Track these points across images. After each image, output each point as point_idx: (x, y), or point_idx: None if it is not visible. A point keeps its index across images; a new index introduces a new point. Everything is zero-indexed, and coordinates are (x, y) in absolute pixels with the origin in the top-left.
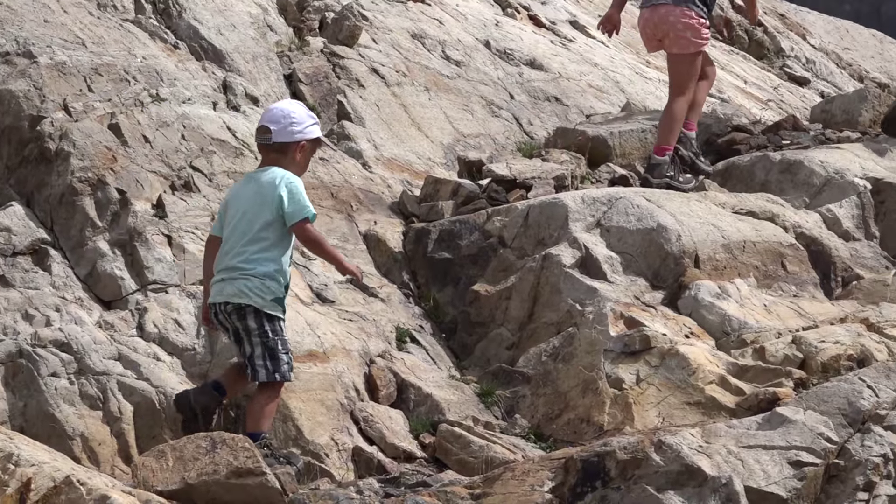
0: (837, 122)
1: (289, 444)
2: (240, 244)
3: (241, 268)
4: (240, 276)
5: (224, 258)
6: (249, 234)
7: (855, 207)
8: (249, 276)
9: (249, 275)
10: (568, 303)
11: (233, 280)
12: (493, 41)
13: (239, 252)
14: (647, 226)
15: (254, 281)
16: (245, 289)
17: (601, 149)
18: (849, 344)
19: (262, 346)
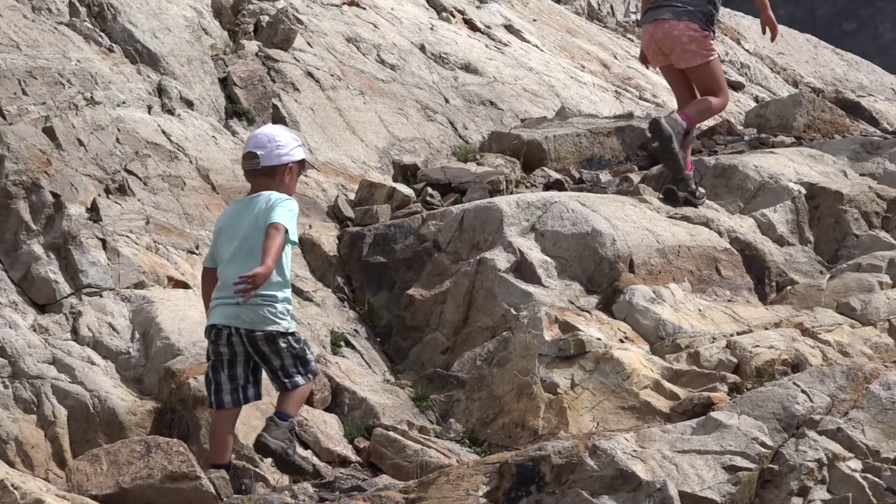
0: (772, 127)
1: None
2: (247, 268)
3: (261, 294)
4: (261, 301)
5: (231, 285)
6: (255, 256)
7: (789, 212)
8: (270, 301)
9: (270, 301)
10: (503, 307)
11: (254, 307)
12: (428, 45)
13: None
14: (582, 230)
15: (276, 307)
16: (271, 315)
17: (536, 153)
18: (783, 349)
19: (291, 356)
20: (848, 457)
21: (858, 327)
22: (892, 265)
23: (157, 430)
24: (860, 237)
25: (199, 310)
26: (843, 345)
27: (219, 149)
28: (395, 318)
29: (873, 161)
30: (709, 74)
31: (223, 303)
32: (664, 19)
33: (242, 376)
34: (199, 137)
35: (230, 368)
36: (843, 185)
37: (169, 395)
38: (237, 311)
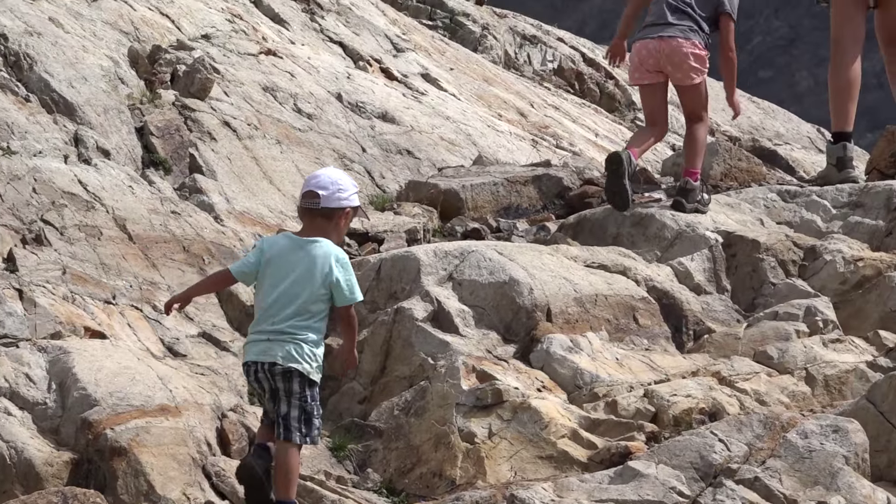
0: None
1: (140, 499)
2: (286, 310)
3: (291, 333)
4: (290, 339)
5: (268, 319)
6: (297, 302)
7: (706, 261)
8: (300, 341)
9: (300, 341)
10: (420, 356)
11: (282, 343)
12: (345, 94)
13: (286, 318)
14: (499, 279)
15: (304, 347)
16: (295, 353)
17: (453, 202)
18: (700, 397)
19: (299, 409)
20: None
21: (775, 376)
22: (808, 313)
23: (74, 481)
24: (777, 285)
25: (117, 360)
26: (761, 393)
27: (136, 198)
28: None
29: (790, 209)
30: (701, 93)
31: (256, 339)
32: (672, 37)
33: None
34: (115, 187)
35: (273, 403)
36: (760, 234)
37: (86, 445)
38: (266, 347)
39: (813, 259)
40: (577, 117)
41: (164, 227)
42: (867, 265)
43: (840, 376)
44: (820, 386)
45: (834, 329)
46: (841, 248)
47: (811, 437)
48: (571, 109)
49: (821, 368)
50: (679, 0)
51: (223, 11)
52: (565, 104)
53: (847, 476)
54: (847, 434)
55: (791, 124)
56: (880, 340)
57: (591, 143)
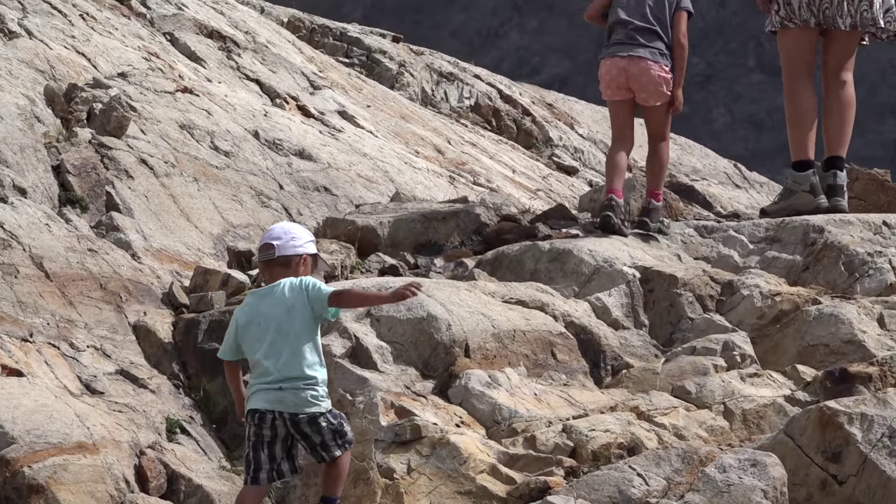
0: None
1: None
2: (284, 355)
3: (302, 377)
4: (304, 385)
5: (270, 369)
6: (290, 344)
7: (624, 296)
8: (312, 385)
9: (312, 384)
10: (339, 392)
11: (296, 391)
12: (261, 131)
13: (288, 362)
14: (417, 315)
15: (318, 389)
16: (312, 398)
17: (371, 238)
18: (619, 432)
19: (330, 432)
20: None
21: (693, 410)
22: (726, 348)
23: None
24: (695, 320)
25: (34, 397)
26: (679, 428)
27: (52, 237)
28: (231, 404)
29: (707, 245)
30: (664, 117)
31: (265, 388)
32: (641, 57)
33: (280, 454)
34: (32, 225)
35: (269, 448)
36: (678, 269)
37: (3, 483)
38: (280, 396)
39: (730, 294)
40: (495, 154)
41: (81, 265)
42: (784, 300)
43: (758, 410)
44: (738, 420)
45: (752, 363)
46: (758, 283)
47: (729, 471)
48: (488, 146)
49: (739, 403)
50: (647, 21)
51: (139, 49)
52: (482, 141)
53: None
54: (765, 468)
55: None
56: (798, 374)
57: (509, 179)
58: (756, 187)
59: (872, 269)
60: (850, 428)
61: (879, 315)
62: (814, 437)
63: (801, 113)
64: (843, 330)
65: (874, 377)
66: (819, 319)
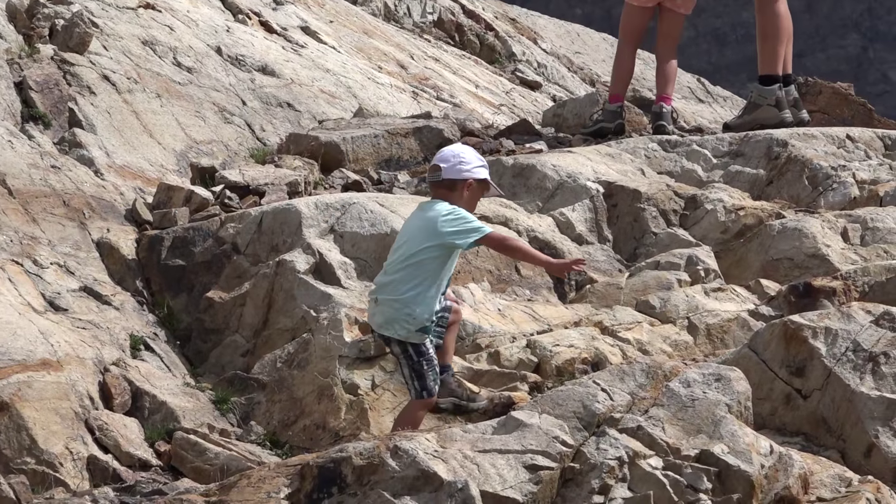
0: (569, 126)
1: (22, 453)
2: (394, 270)
3: (398, 300)
4: (388, 305)
5: (377, 283)
6: (403, 261)
7: (588, 211)
8: (403, 310)
9: (397, 304)
10: (302, 309)
11: (381, 308)
12: (224, 47)
13: (394, 282)
14: (381, 231)
15: (401, 312)
16: (392, 320)
17: (334, 154)
18: (583, 347)
19: (408, 367)
20: (649, 454)
21: (658, 325)
22: (690, 263)
23: None
24: (658, 235)
25: None
26: (643, 343)
27: (15, 153)
28: (195, 321)
29: (670, 159)
30: (681, 30)
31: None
32: None
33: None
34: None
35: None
36: (641, 184)
37: None
38: (373, 311)
39: (694, 208)
40: (458, 69)
41: (45, 182)
42: (748, 214)
43: (722, 325)
44: (702, 335)
45: (715, 278)
46: (722, 198)
47: (694, 386)
48: (451, 61)
49: (703, 317)
50: None
51: None
52: (445, 56)
53: (730, 424)
54: (729, 382)
55: None
56: (762, 289)
57: (472, 94)
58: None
59: (836, 182)
60: (814, 342)
61: (843, 229)
62: (778, 351)
63: (774, 27)
64: (806, 244)
65: (838, 291)
66: (783, 233)
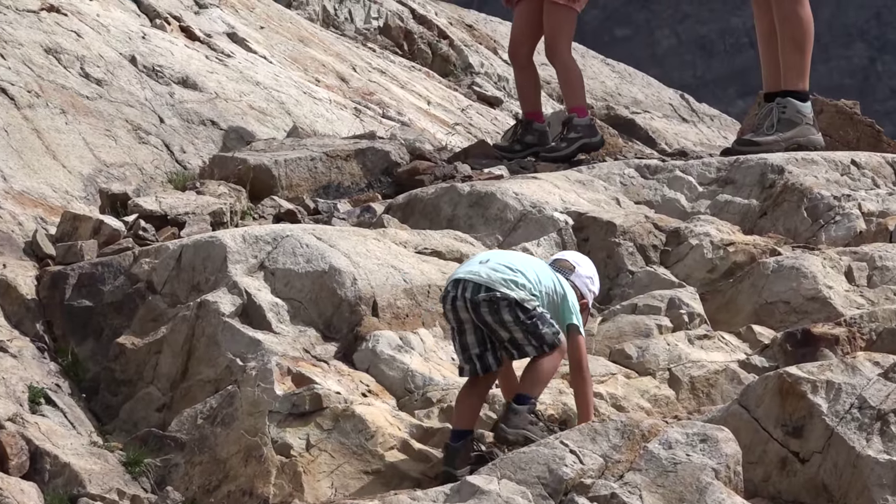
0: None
1: None
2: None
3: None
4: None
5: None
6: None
7: (555, 246)
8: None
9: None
10: (227, 357)
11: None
12: (139, 56)
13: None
14: (318, 268)
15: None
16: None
17: (265, 180)
18: (549, 403)
19: (522, 330)
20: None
21: (634, 377)
22: (672, 306)
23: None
24: (636, 274)
25: None
26: (618, 397)
27: None
28: (104, 370)
29: (650, 187)
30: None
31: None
32: None
33: (475, 344)
34: None
35: (460, 337)
36: (616, 215)
37: None
38: (478, 271)
39: (677, 244)
40: (406, 82)
41: None
42: (739, 250)
43: (708, 378)
44: (685, 389)
45: (701, 324)
46: (709, 231)
47: (676, 448)
48: (400, 73)
49: (686, 369)
50: None
51: None
52: (392, 67)
53: (717, 492)
54: (717, 444)
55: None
56: (754, 336)
57: (423, 111)
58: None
59: (839, 215)
60: (813, 398)
61: (847, 268)
62: (772, 408)
63: (805, 33)
64: (805, 285)
65: (841, 339)
66: (778, 273)
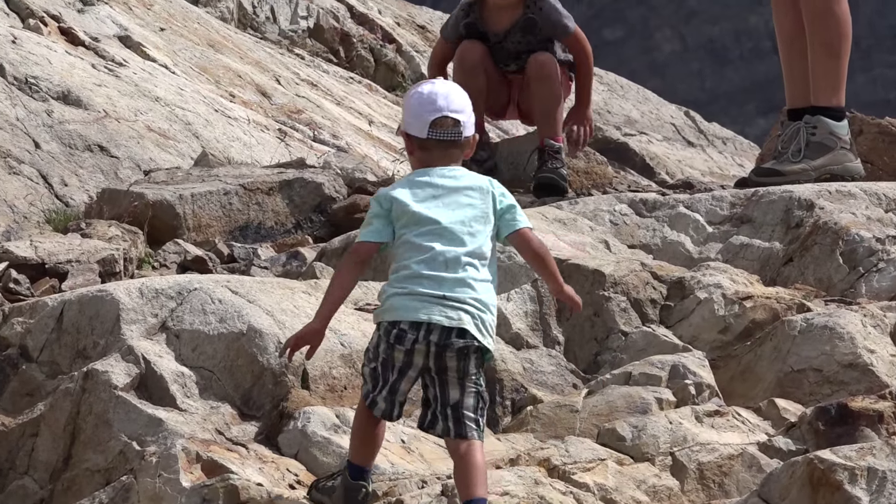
0: (503, 180)
1: None
2: (462, 261)
3: (474, 295)
4: (473, 306)
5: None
6: (468, 248)
7: (529, 301)
8: (485, 308)
9: (484, 309)
10: (121, 440)
11: (463, 308)
12: (8, 66)
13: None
14: (234, 329)
15: (488, 316)
16: (481, 325)
17: (167, 219)
18: (522, 496)
19: (475, 394)
20: None
21: (629, 464)
22: (675, 375)
23: None
24: (630, 335)
25: None
26: (608, 489)
27: None
28: None
29: (647, 227)
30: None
31: (427, 295)
32: None
33: (404, 392)
34: None
35: (398, 380)
36: (605, 262)
37: None
38: (443, 311)
39: (681, 298)
40: (343, 98)
41: None
42: (758, 306)
43: (721, 464)
44: (692, 478)
45: (711, 397)
46: (720, 282)
47: None
48: (335, 86)
49: (693, 453)
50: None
51: None
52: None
53: None
54: None
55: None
56: (778, 412)
57: (364, 133)
58: (716, 144)
59: (883, 261)
60: (851, 489)
61: (893, 327)
62: (801, 501)
63: (842, 37)
64: (841, 348)
65: (886, 416)
66: (807, 334)
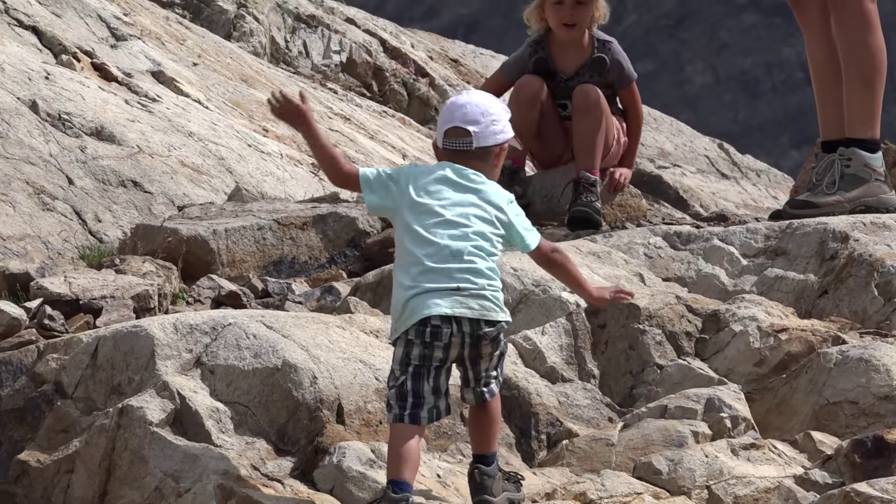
0: (536, 212)
1: None
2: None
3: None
4: (488, 290)
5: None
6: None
7: (564, 335)
8: (497, 288)
9: (496, 287)
10: (157, 476)
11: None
12: (42, 102)
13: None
14: (268, 364)
15: (501, 293)
16: (500, 305)
17: (201, 255)
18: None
19: (499, 356)
20: None
21: (665, 498)
22: (711, 408)
23: None
24: (665, 368)
25: None
26: None
27: None
28: (2, 494)
29: (682, 260)
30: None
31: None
32: None
33: (445, 386)
34: None
35: (436, 379)
36: (640, 295)
37: None
38: (464, 300)
39: (716, 331)
40: (376, 132)
41: None
42: (793, 338)
43: (757, 497)
44: None
45: (747, 430)
46: (755, 315)
47: None
48: (368, 120)
49: (729, 486)
50: None
51: None
52: (359, 113)
53: None
54: None
55: (681, 138)
56: (814, 445)
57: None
58: (750, 177)
59: None
60: None
61: None
62: None
63: (877, 68)
64: (877, 380)
65: None
66: (843, 366)
